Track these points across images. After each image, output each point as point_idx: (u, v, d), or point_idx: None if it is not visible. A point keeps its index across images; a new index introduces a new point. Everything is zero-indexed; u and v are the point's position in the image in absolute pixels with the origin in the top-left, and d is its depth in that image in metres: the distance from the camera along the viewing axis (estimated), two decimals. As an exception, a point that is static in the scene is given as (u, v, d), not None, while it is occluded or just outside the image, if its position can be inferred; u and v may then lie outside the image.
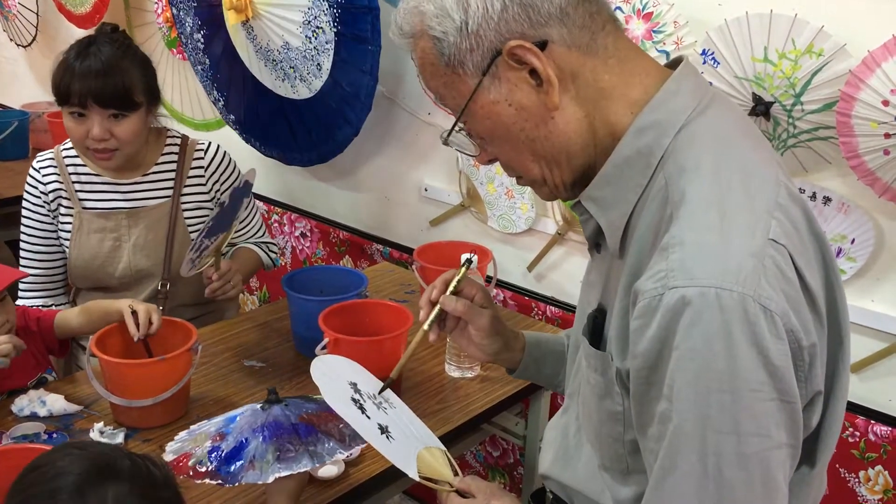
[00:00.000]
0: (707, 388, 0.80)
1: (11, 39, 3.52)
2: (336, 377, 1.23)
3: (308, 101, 2.22)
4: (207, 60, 2.47)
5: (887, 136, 1.45)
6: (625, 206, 0.92)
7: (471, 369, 1.74)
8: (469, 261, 1.23)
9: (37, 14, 3.32)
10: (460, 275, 1.20)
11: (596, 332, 0.98)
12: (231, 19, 2.22)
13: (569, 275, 2.09)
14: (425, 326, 1.20)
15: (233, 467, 1.19)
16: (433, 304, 1.19)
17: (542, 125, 0.92)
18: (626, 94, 0.91)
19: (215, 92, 2.53)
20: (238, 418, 1.28)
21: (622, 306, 0.91)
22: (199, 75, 2.58)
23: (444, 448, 1.20)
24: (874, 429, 1.65)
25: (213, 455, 1.22)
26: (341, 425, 1.24)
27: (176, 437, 1.35)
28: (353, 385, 1.21)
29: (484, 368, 1.76)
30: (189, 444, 1.29)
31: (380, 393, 1.22)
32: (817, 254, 0.90)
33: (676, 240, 0.83)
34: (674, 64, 0.95)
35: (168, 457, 1.28)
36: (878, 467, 1.67)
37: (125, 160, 1.84)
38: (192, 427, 1.39)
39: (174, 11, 2.52)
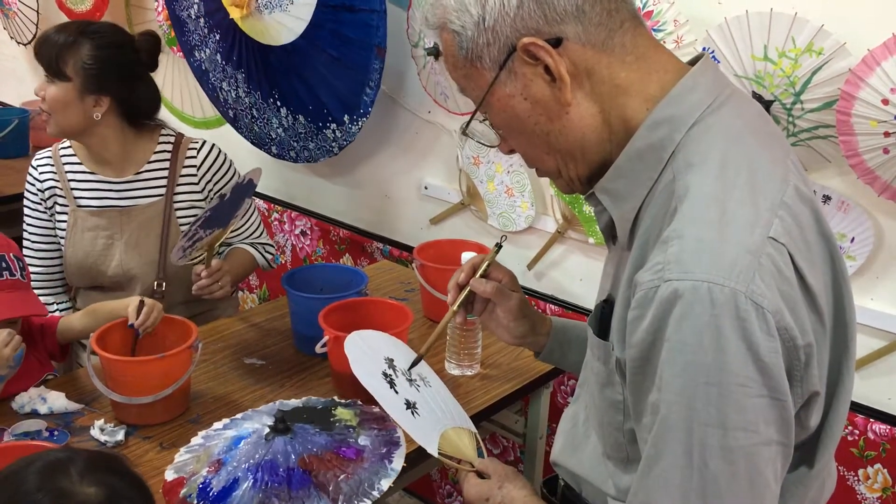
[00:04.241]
0: (694, 380, 0.81)
1: (12, 37, 3.52)
2: (371, 351, 1.26)
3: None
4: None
5: (887, 134, 1.45)
6: (635, 199, 0.93)
7: (470, 367, 1.74)
8: (499, 245, 1.27)
9: (37, 12, 3.32)
10: (490, 258, 1.25)
11: (603, 322, 1.00)
12: (236, 14, 2.21)
13: (568, 273, 2.09)
14: (454, 308, 1.24)
15: None
16: (460, 287, 1.24)
17: (556, 119, 0.93)
18: (643, 90, 0.92)
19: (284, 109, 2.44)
20: (242, 443, 1.26)
21: (624, 297, 0.92)
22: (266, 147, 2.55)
23: (476, 430, 1.22)
24: (873, 427, 1.65)
25: (202, 493, 1.21)
26: (342, 476, 1.23)
27: (190, 443, 1.35)
28: (389, 361, 1.25)
29: (484, 367, 1.76)
30: (192, 462, 1.29)
31: (409, 370, 1.25)
32: (825, 255, 0.90)
33: (676, 233, 0.84)
34: (696, 61, 0.95)
35: (169, 474, 1.28)
36: (877, 465, 1.67)
37: (58, 132, 1.85)
38: (208, 432, 1.38)
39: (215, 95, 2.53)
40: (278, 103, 2.35)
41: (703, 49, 1.62)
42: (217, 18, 2.36)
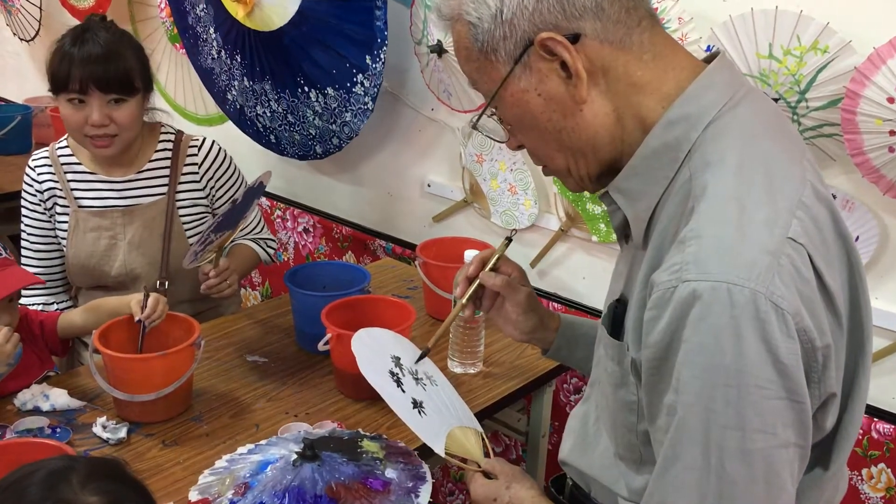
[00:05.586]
0: (713, 382, 0.80)
1: (14, 34, 3.52)
2: (378, 349, 1.26)
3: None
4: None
5: (892, 133, 1.44)
6: (651, 198, 0.92)
7: (473, 365, 1.74)
8: (509, 239, 1.26)
9: (40, 8, 3.32)
10: (499, 252, 1.24)
11: (616, 322, 0.99)
12: (241, 12, 2.20)
13: (571, 271, 2.09)
14: (463, 301, 1.23)
15: None
16: (469, 280, 1.23)
17: (569, 117, 0.92)
18: (658, 88, 0.91)
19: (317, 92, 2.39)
20: (269, 468, 1.26)
21: (640, 297, 0.91)
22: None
23: (482, 430, 1.22)
24: (877, 426, 1.65)
25: None
26: None
27: (214, 465, 1.35)
28: (396, 359, 1.24)
29: (486, 365, 1.76)
30: (216, 485, 1.29)
31: (416, 363, 1.24)
32: (842, 255, 0.90)
33: (694, 233, 0.83)
34: (711, 59, 0.95)
35: (193, 495, 1.28)
36: (881, 465, 1.66)
37: (123, 147, 1.82)
38: (233, 455, 1.38)
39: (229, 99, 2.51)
40: (306, 89, 2.33)
41: (708, 47, 1.61)
42: (231, 38, 2.34)
